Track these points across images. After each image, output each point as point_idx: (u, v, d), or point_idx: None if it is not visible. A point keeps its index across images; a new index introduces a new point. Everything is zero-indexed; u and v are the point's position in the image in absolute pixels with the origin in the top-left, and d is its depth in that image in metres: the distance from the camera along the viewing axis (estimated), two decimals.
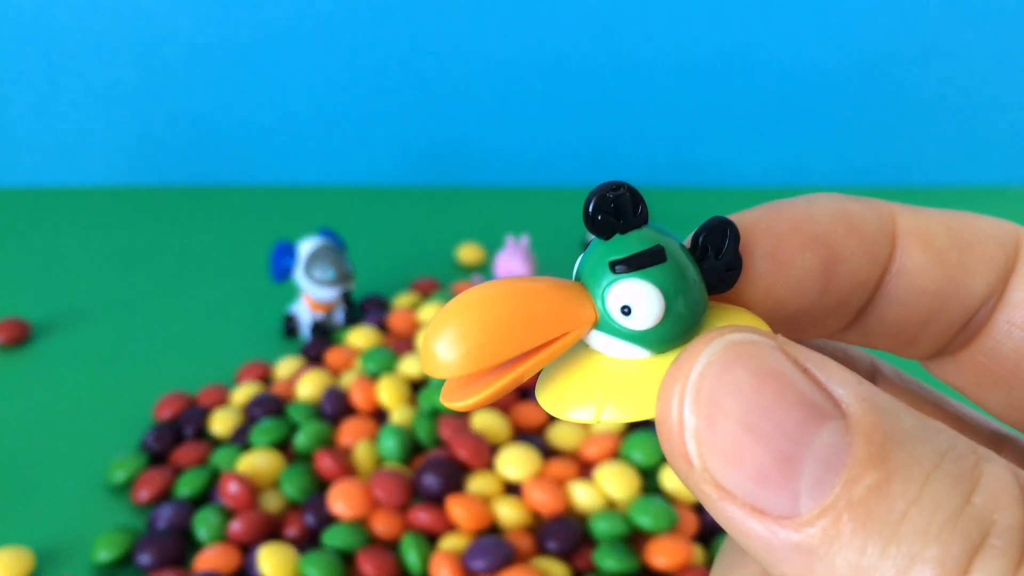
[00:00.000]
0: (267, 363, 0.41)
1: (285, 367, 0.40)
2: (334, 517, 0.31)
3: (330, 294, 0.42)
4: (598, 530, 0.30)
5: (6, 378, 0.41)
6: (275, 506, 0.32)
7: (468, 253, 0.52)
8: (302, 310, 0.43)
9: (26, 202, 0.60)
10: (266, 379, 0.40)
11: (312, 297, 0.42)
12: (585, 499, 0.31)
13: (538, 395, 0.12)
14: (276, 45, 0.60)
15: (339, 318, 0.44)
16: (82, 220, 0.58)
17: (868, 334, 0.14)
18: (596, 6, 0.60)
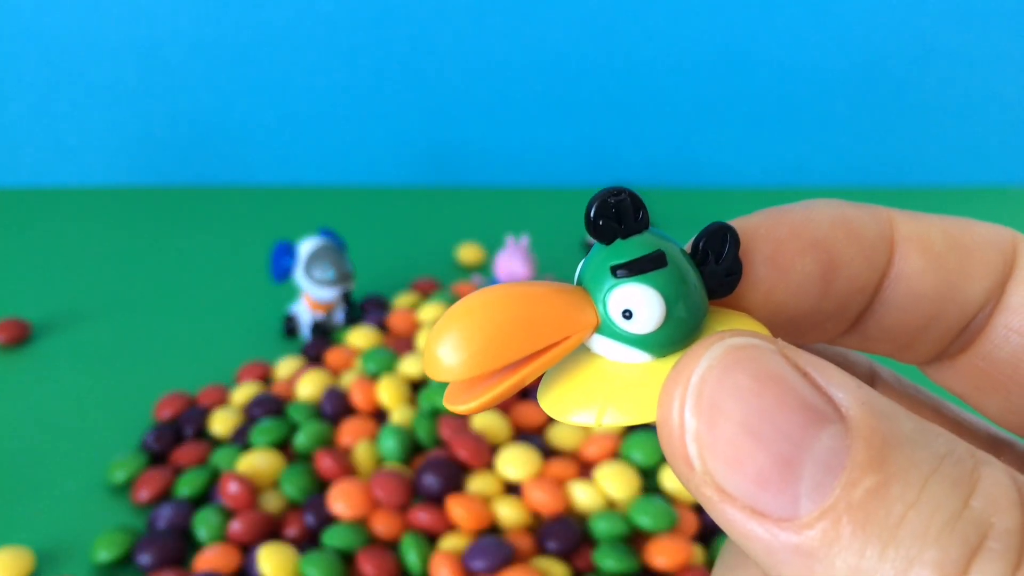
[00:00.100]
0: (267, 363, 0.41)
1: (285, 367, 0.40)
2: (334, 517, 0.31)
3: (330, 294, 0.42)
4: (598, 530, 0.30)
5: (6, 378, 0.41)
6: (275, 506, 0.32)
7: (468, 253, 0.52)
8: (302, 310, 0.44)
9: (26, 202, 0.60)
10: (266, 379, 0.40)
11: (312, 297, 0.42)
12: (585, 499, 0.31)
13: (540, 398, 0.12)
14: (276, 45, 0.60)
15: (339, 318, 0.44)
16: (82, 220, 0.58)
17: (867, 339, 0.14)
18: (596, 6, 0.61)
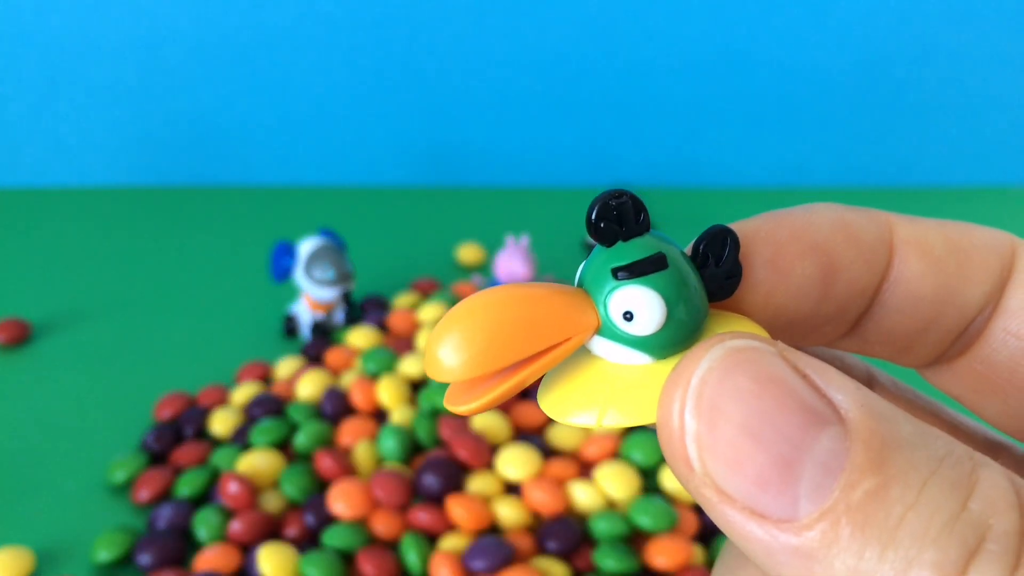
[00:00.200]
0: (267, 363, 0.41)
1: (285, 367, 0.40)
2: (334, 517, 0.31)
3: (330, 294, 0.42)
4: (598, 530, 0.30)
5: (6, 378, 0.41)
6: (275, 506, 0.32)
7: (468, 253, 0.52)
8: (302, 310, 0.44)
9: (26, 202, 0.60)
10: (266, 379, 0.40)
11: (312, 297, 0.42)
12: (585, 499, 0.31)
13: (540, 400, 0.12)
14: (276, 45, 0.60)
15: (339, 318, 0.44)
16: (82, 220, 0.58)
17: (866, 342, 0.14)
18: (596, 6, 0.61)
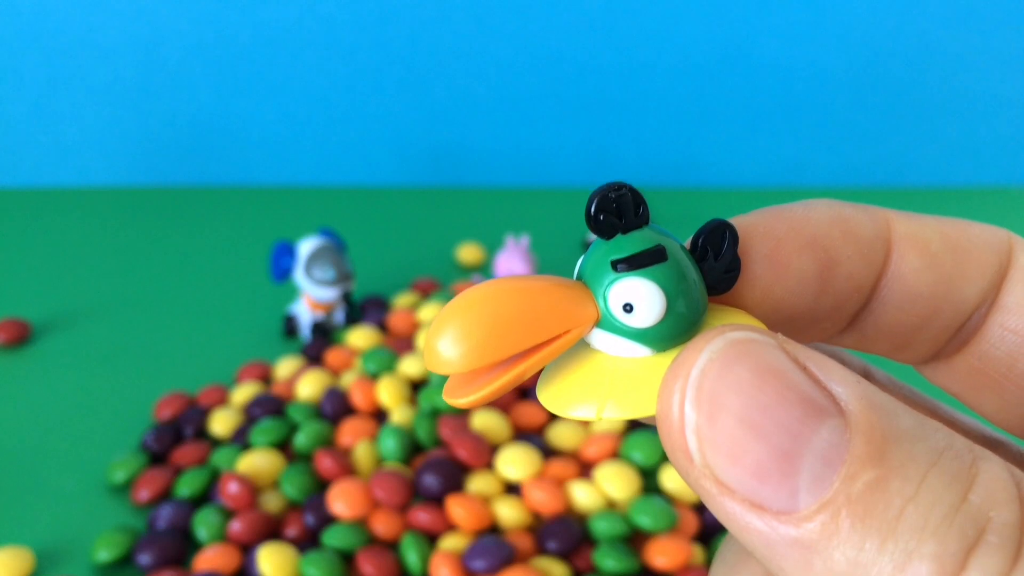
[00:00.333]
0: (267, 363, 0.41)
1: (285, 367, 0.40)
2: (334, 517, 0.31)
3: (330, 294, 0.42)
4: (598, 530, 0.30)
5: (6, 378, 0.41)
6: (275, 506, 0.32)
7: (468, 253, 0.52)
8: (302, 310, 0.44)
9: (26, 202, 0.60)
10: (266, 379, 0.40)
11: (312, 297, 0.42)
12: (585, 499, 0.31)
13: (539, 393, 0.12)
14: (276, 45, 0.60)
15: (339, 318, 0.44)
16: (82, 220, 0.58)
17: (864, 338, 0.14)
18: (596, 6, 0.61)
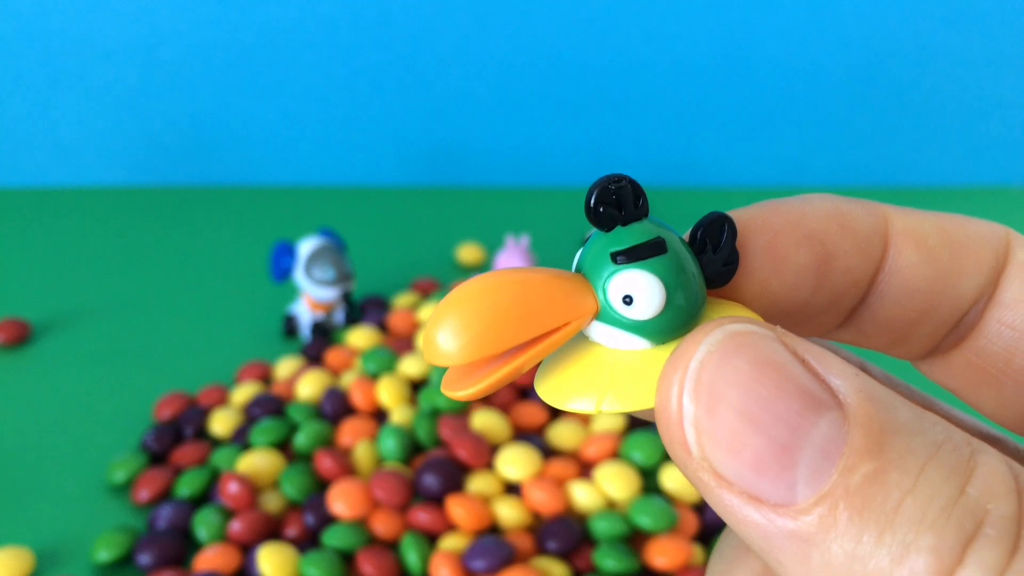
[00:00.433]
0: (267, 363, 0.41)
1: (285, 367, 0.40)
2: (334, 517, 0.31)
3: (330, 294, 0.42)
4: (598, 530, 0.30)
5: (6, 378, 0.41)
6: (275, 506, 0.32)
7: (468, 253, 0.52)
8: (302, 310, 0.44)
9: (26, 202, 0.60)
10: (266, 379, 0.40)
11: (312, 297, 0.42)
12: (585, 499, 0.31)
13: (537, 386, 0.12)
14: (276, 45, 0.60)
15: (339, 318, 0.44)
16: (82, 220, 0.58)
17: (861, 333, 0.14)
18: (596, 6, 0.61)
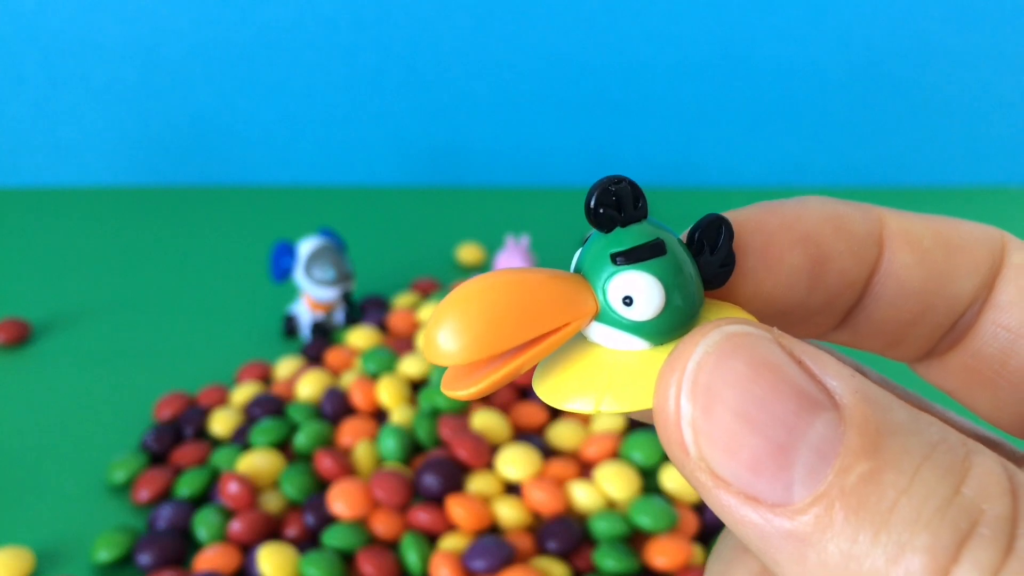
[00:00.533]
0: (267, 363, 0.41)
1: (285, 367, 0.40)
2: (334, 517, 0.31)
3: (330, 294, 0.42)
4: (598, 530, 0.30)
5: (6, 378, 0.41)
6: (275, 506, 0.32)
7: (468, 253, 0.52)
8: (302, 310, 0.44)
9: (26, 202, 0.60)
10: (266, 379, 0.40)
11: (312, 297, 0.42)
12: (585, 499, 0.31)
13: (536, 386, 0.12)
14: (276, 45, 0.60)
15: (339, 318, 0.44)
16: (82, 220, 0.58)
17: (857, 334, 0.14)
18: (596, 6, 0.61)
